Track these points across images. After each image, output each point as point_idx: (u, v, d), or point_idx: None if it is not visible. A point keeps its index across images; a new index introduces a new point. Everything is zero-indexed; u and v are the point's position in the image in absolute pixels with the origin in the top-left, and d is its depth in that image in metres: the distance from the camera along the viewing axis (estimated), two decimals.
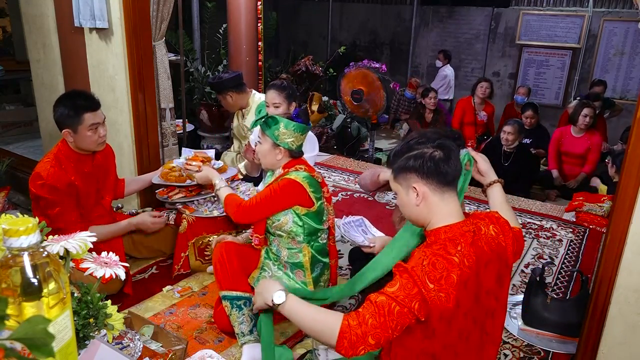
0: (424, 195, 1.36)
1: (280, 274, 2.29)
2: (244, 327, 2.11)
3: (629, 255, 1.74)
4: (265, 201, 2.18)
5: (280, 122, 2.16)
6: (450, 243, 1.30)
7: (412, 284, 1.25)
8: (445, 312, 1.25)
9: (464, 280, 1.27)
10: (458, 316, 1.29)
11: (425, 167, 1.34)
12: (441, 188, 1.35)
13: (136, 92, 3.00)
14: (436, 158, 1.35)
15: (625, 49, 6.73)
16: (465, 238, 1.31)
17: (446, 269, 1.25)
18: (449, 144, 1.38)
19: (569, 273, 2.98)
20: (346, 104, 5.29)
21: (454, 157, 1.37)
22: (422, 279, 1.24)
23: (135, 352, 1.21)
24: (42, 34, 3.34)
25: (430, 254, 1.28)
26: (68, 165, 2.32)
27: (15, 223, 0.75)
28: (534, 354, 2.25)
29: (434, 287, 1.23)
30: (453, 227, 1.34)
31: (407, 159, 1.38)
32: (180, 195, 2.77)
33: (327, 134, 5.79)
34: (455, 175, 1.38)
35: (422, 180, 1.36)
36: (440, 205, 1.36)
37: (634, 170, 1.70)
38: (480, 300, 1.35)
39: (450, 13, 8.08)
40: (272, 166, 2.28)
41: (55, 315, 0.78)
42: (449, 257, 1.27)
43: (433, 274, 1.24)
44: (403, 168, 1.39)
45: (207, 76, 5.19)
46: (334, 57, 7.34)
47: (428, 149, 1.37)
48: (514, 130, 4.29)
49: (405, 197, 1.41)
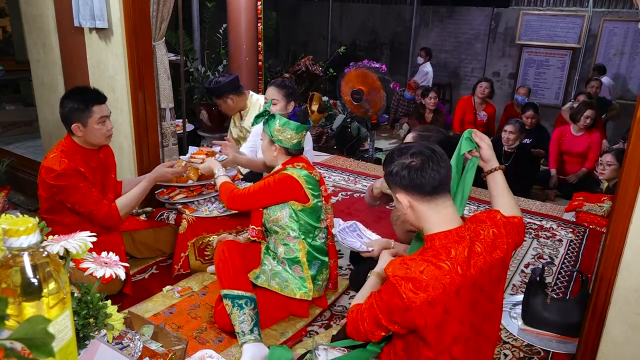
0: (410, 205, 1.37)
1: (279, 269, 2.31)
2: (245, 326, 2.10)
3: (629, 255, 1.74)
4: (259, 191, 2.24)
5: (277, 120, 2.22)
6: (444, 250, 1.29)
7: (391, 291, 1.26)
8: (432, 319, 1.24)
9: (454, 287, 1.25)
10: (450, 323, 1.28)
11: (402, 179, 1.34)
12: (424, 197, 1.33)
13: (136, 92, 3.00)
14: (412, 169, 1.32)
15: (625, 49, 6.73)
16: (459, 245, 1.29)
17: (434, 277, 1.23)
18: (426, 152, 1.35)
19: (569, 273, 2.98)
20: (346, 104, 5.29)
21: (432, 165, 1.32)
22: (405, 286, 1.23)
23: (135, 352, 1.21)
24: (42, 34, 3.34)
25: (421, 261, 1.27)
26: (75, 158, 2.36)
27: (15, 223, 0.75)
28: (534, 354, 2.25)
29: (418, 295, 1.22)
30: (448, 233, 1.32)
31: (390, 172, 1.39)
32: (181, 196, 2.77)
33: (327, 134, 5.79)
34: (436, 183, 1.32)
35: (404, 191, 1.36)
36: (429, 213, 1.34)
37: (634, 170, 1.70)
38: (478, 307, 1.34)
39: (450, 13, 8.08)
40: (271, 162, 2.36)
41: (55, 315, 0.78)
42: (438, 264, 1.25)
43: (419, 281, 1.23)
44: (388, 179, 1.41)
45: (207, 76, 5.19)
46: (334, 57, 7.34)
47: (406, 159, 1.35)
48: (515, 130, 4.30)
49: (397, 204, 1.43)
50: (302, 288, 2.30)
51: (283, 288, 2.29)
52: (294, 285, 2.29)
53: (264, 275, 2.29)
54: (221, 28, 5.37)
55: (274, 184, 2.23)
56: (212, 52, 5.67)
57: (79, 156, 2.38)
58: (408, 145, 1.41)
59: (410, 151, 1.36)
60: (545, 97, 7.34)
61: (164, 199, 2.77)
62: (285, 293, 2.29)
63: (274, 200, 2.25)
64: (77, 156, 2.37)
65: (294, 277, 2.30)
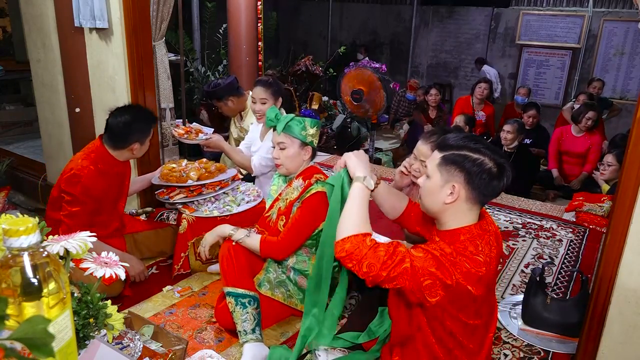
0: (457, 198, 1.33)
1: (283, 277, 2.28)
2: (247, 325, 2.09)
3: (629, 255, 1.74)
4: (298, 226, 2.12)
5: (304, 121, 2.17)
6: (471, 244, 1.31)
7: (437, 266, 1.26)
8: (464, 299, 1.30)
9: (485, 278, 1.30)
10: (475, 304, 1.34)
11: (480, 177, 1.30)
12: (476, 200, 1.34)
13: (136, 92, 3.00)
14: (493, 174, 1.31)
15: (625, 49, 6.73)
16: (483, 239, 1.33)
17: (473, 267, 1.27)
18: (507, 167, 1.35)
19: (569, 273, 2.97)
20: (346, 104, 5.29)
21: (503, 183, 1.34)
22: (452, 269, 1.25)
23: (135, 352, 1.21)
24: (42, 34, 3.34)
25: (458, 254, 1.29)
26: (103, 163, 2.42)
27: (15, 223, 0.75)
28: (534, 354, 2.25)
29: (462, 279, 1.26)
30: (472, 228, 1.35)
31: (464, 157, 1.33)
32: (181, 196, 2.77)
33: (327, 134, 5.79)
34: (493, 196, 1.38)
35: (467, 186, 1.32)
36: (465, 214, 1.35)
37: (634, 170, 1.69)
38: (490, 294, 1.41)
39: (450, 13, 8.08)
40: (296, 169, 2.25)
41: (55, 315, 0.78)
42: (473, 258, 1.29)
43: (462, 269, 1.26)
44: (455, 162, 1.33)
45: (207, 76, 5.19)
46: (334, 57, 7.34)
47: (490, 161, 1.32)
48: (513, 130, 4.30)
49: (438, 187, 1.36)
50: (303, 302, 2.29)
51: (286, 298, 2.29)
52: (297, 299, 2.29)
53: (268, 284, 2.27)
54: (221, 28, 5.38)
55: (313, 209, 2.12)
56: (212, 52, 5.67)
57: (106, 162, 2.43)
58: (489, 145, 1.38)
59: (494, 155, 1.34)
60: (545, 97, 7.35)
61: (163, 199, 2.77)
62: (288, 303, 2.29)
63: (316, 225, 2.15)
64: (105, 161, 2.43)
65: (297, 289, 2.28)
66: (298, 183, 2.24)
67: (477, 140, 1.38)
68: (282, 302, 2.28)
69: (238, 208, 2.77)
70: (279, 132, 2.17)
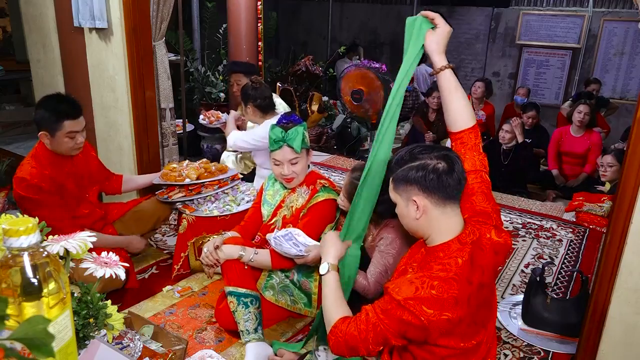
0: (424, 209, 1.31)
1: (287, 282, 2.28)
2: (249, 324, 2.09)
3: (629, 255, 1.74)
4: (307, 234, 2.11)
5: (302, 128, 2.15)
6: (451, 260, 1.27)
7: (402, 313, 1.23)
8: (445, 329, 1.25)
9: (465, 297, 1.24)
10: (460, 326, 1.28)
11: (428, 179, 1.28)
12: (443, 202, 1.30)
13: (136, 92, 3.00)
14: (439, 170, 1.28)
15: (625, 49, 6.72)
16: (463, 252, 1.28)
17: (446, 291, 1.22)
18: (453, 155, 1.33)
19: (569, 273, 2.98)
20: (346, 104, 5.29)
21: (457, 170, 1.31)
22: (419, 307, 1.21)
23: (135, 352, 1.21)
24: (42, 34, 3.34)
25: (428, 278, 1.24)
26: (46, 163, 2.28)
27: (15, 223, 0.75)
28: (534, 354, 2.25)
29: (433, 312, 1.21)
30: (451, 244, 1.31)
31: (409, 169, 1.31)
32: (181, 195, 2.76)
33: (327, 134, 5.79)
34: (458, 188, 1.32)
35: (424, 194, 1.30)
36: (441, 219, 1.32)
37: (634, 170, 1.70)
38: (484, 305, 1.35)
39: (450, 13, 8.07)
40: (303, 175, 2.24)
41: (55, 315, 0.78)
42: (447, 279, 1.23)
43: (431, 300, 1.21)
44: (404, 179, 1.33)
45: (207, 76, 5.19)
46: (334, 57, 7.33)
47: (432, 160, 1.30)
48: (511, 129, 4.32)
49: (404, 209, 1.36)
50: (308, 306, 2.30)
51: (290, 304, 2.29)
52: (302, 304, 2.29)
53: (272, 290, 2.27)
54: (221, 28, 5.37)
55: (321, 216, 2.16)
56: (212, 52, 5.67)
57: (50, 161, 2.29)
58: (425, 147, 1.36)
59: (433, 153, 1.32)
60: (545, 97, 7.34)
61: (163, 199, 2.77)
62: (292, 309, 2.30)
63: (323, 229, 2.17)
64: (48, 161, 2.29)
65: (301, 293, 2.28)
66: (302, 190, 2.24)
67: (413, 147, 1.37)
68: (286, 309, 2.29)
69: (238, 208, 2.77)
70: (299, 150, 2.12)
